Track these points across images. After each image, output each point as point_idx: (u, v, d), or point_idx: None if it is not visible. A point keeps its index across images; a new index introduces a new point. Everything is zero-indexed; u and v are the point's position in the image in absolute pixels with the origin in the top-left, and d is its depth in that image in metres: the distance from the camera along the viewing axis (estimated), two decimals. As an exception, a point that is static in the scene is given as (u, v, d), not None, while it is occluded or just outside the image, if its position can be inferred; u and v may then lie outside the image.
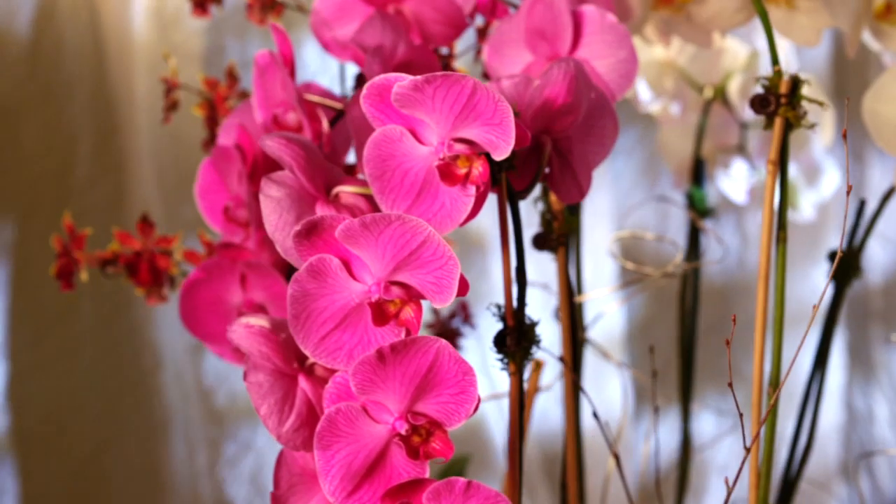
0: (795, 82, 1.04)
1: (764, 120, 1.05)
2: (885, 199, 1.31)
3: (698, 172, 1.62)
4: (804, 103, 1.05)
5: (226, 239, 1.18)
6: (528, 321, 1.02)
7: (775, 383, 1.04)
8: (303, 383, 0.98)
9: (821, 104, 1.04)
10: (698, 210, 1.59)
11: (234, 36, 1.79)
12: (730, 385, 0.95)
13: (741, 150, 1.66)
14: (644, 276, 1.46)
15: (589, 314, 1.64)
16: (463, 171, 0.92)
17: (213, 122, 1.36)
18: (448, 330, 1.54)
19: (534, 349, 1.03)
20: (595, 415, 1.12)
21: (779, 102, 1.04)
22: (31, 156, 1.73)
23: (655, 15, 1.29)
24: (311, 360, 0.99)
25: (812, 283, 1.94)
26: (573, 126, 1.02)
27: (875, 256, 1.91)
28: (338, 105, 1.16)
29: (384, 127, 0.94)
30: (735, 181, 1.66)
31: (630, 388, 1.96)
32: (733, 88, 1.61)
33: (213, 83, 1.37)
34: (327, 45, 1.19)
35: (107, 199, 1.76)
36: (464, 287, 0.90)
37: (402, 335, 0.92)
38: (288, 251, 0.97)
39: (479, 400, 0.90)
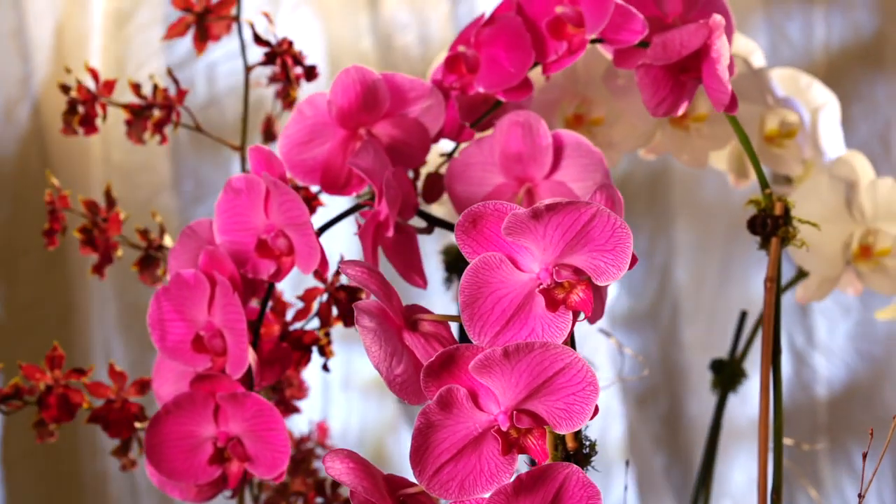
0: (787, 205, 1.11)
1: (760, 240, 1.12)
2: (766, 309, 1.40)
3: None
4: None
5: (201, 370, 1.13)
6: (587, 442, 1.03)
7: (777, 490, 1.10)
8: (400, 517, 0.96)
9: (815, 226, 1.12)
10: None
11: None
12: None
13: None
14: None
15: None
16: (561, 296, 0.93)
17: (106, 245, 1.28)
18: (306, 450, 1.51)
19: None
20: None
21: (777, 224, 1.11)
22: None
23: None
24: (406, 492, 0.97)
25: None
26: (604, 249, 1.05)
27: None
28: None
29: (484, 254, 0.94)
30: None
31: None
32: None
33: (92, 204, 1.30)
34: (294, 168, 1.16)
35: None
36: (595, 411, 0.91)
37: (514, 462, 0.92)
38: (392, 381, 0.95)
39: (602, 524, 0.91)
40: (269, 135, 1.48)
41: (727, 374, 1.41)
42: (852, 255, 1.31)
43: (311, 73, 1.33)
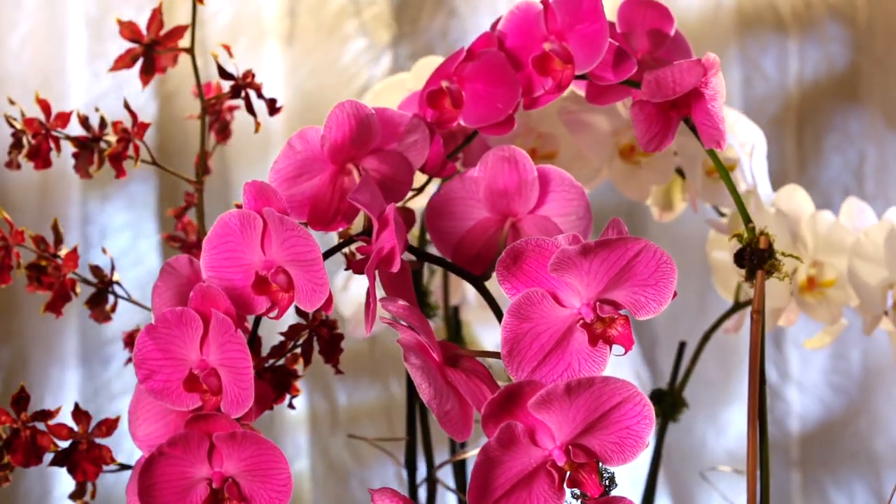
0: (770, 239, 1.15)
1: (745, 272, 1.15)
2: (704, 340, 1.44)
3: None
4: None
5: (193, 410, 1.10)
6: (605, 475, 1.05)
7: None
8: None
9: (797, 258, 1.16)
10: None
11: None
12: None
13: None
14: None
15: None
16: (600, 331, 0.95)
17: (61, 282, 1.24)
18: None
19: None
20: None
21: (763, 257, 1.14)
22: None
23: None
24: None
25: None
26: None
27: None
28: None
29: (528, 290, 0.95)
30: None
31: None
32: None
33: (41, 240, 1.26)
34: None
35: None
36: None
37: (563, 498, 0.93)
38: (444, 417, 0.95)
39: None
40: (204, 168, 1.45)
41: (668, 404, 1.44)
42: (798, 287, 1.36)
43: (273, 107, 1.31)
